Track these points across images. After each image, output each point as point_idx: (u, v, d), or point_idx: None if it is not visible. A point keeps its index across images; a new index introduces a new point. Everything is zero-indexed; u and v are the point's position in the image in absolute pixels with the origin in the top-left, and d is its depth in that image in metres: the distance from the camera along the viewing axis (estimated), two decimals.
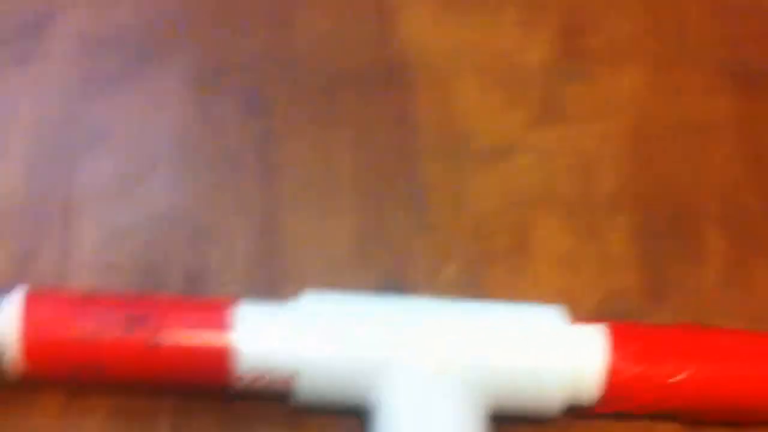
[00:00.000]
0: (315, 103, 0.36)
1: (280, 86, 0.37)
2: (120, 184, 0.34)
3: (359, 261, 0.33)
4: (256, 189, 0.34)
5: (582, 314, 0.29)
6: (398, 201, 0.34)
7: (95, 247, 0.32)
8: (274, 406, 0.29)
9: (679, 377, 0.28)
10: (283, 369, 0.27)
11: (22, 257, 0.32)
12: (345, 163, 0.35)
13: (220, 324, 0.27)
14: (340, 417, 0.29)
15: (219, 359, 0.27)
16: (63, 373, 0.28)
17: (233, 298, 0.28)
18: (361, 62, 0.38)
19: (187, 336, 0.27)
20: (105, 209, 0.33)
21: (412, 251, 0.33)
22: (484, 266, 0.33)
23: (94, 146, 0.35)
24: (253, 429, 0.29)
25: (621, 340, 0.28)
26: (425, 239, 0.34)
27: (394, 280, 0.32)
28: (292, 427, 0.29)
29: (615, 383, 0.28)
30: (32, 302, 0.27)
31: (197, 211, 0.33)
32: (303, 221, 0.33)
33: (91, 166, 0.34)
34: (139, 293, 0.30)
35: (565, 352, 0.28)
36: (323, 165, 0.35)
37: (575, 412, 0.28)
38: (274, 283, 0.32)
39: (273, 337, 0.27)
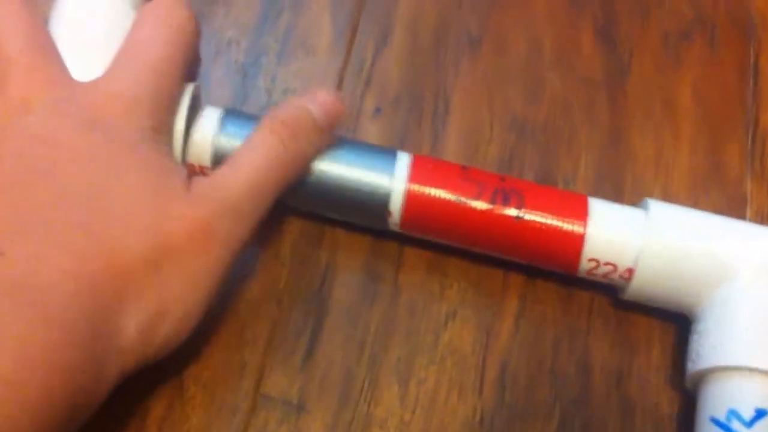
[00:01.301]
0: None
1: (632, 26, 0.39)
2: None
3: (693, 196, 0.36)
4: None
5: None
6: (734, 144, 0.37)
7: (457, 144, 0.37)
8: (604, 300, 0.33)
9: None
10: (626, 260, 0.31)
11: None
12: (685, 103, 0.38)
13: (577, 210, 0.31)
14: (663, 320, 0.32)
15: (572, 241, 0.31)
16: (433, 230, 0.32)
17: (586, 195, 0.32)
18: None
19: (548, 216, 0.31)
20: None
21: (745, 196, 0.36)
22: None
23: None
24: (586, 317, 0.33)
25: None
26: (758, 186, 0.36)
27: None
28: (619, 322, 0.33)
29: None
30: (419, 162, 0.32)
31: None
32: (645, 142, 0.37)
33: None
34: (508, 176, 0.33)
35: None
36: (665, 100, 0.38)
37: None
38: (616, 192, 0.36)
39: (622, 230, 0.31)
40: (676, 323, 0.33)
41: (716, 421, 0.28)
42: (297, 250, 0.33)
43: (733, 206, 0.36)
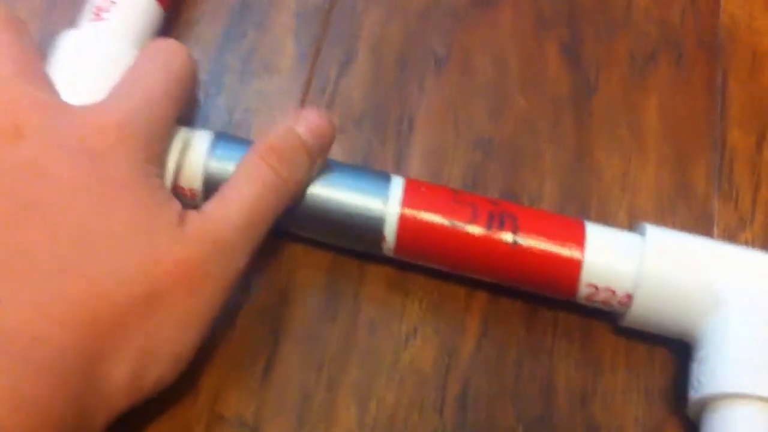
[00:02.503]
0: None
1: (599, 45, 0.39)
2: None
3: (659, 214, 0.35)
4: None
5: None
6: (701, 163, 0.36)
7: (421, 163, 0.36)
8: (568, 319, 0.32)
9: None
10: (624, 285, 0.30)
11: None
12: (652, 122, 0.37)
13: (574, 235, 0.31)
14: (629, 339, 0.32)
15: (570, 266, 0.30)
16: (428, 256, 0.31)
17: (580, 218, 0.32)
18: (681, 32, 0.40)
19: (543, 241, 0.30)
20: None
21: (712, 215, 0.35)
22: None
23: None
24: (551, 337, 0.32)
25: None
26: (725, 204, 0.35)
27: None
28: (584, 342, 0.32)
29: None
30: (412, 186, 0.31)
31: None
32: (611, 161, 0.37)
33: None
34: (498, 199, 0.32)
35: None
36: (632, 119, 0.38)
37: None
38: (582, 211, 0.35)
39: (620, 255, 0.30)
40: (644, 342, 0.32)
41: None
42: (255, 268, 0.33)
43: (700, 225, 0.35)
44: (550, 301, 0.33)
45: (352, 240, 0.32)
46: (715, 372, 0.29)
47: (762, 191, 0.36)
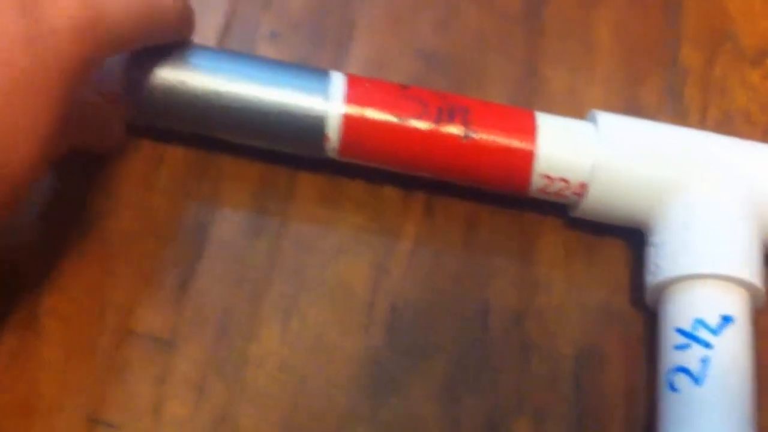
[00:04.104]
0: None
1: None
2: None
3: None
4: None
5: None
6: (653, 80, 0.35)
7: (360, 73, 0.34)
8: (505, 236, 0.31)
9: None
10: (579, 174, 0.29)
11: None
12: (604, 38, 0.36)
13: (525, 126, 0.29)
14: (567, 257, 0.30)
15: (523, 157, 0.29)
16: (376, 155, 0.29)
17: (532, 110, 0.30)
18: None
19: (495, 133, 0.29)
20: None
21: None
22: None
23: None
24: (486, 256, 0.31)
25: None
26: (675, 122, 0.34)
27: None
28: (522, 261, 0.31)
29: None
30: (355, 81, 0.29)
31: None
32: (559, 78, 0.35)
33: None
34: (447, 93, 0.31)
35: None
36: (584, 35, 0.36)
37: None
38: None
39: (572, 144, 0.29)
40: (581, 260, 0.31)
41: (682, 332, 0.27)
42: (177, 180, 0.31)
43: None
44: (489, 217, 0.31)
45: (292, 143, 0.30)
46: (675, 254, 0.28)
47: (712, 109, 0.34)
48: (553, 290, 0.31)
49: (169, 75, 0.28)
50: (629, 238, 0.31)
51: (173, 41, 0.29)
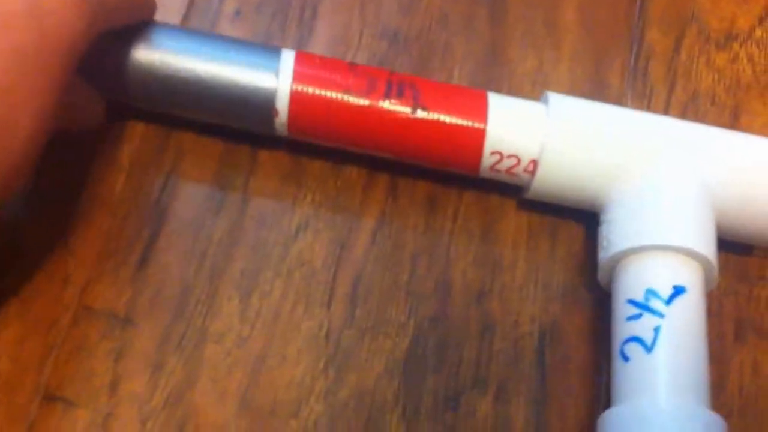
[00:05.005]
0: None
1: None
2: None
3: None
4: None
5: None
6: (617, 61, 0.35)
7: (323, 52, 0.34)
8: (469, 215, 0.31)
9: None
10: (529, 151, 0.29)
11: None
12: (570, 19, 0.36)
13: (476, 104, 0.29)
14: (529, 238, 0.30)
15: (473, 134, 0.29)
16: (324, 131, 0.29)
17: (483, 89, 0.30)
18: None
19: (445, 109, 0.29)
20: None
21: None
22: None
23: None
24: (448, 233, 0.31)
25: None
26: (639, 103, 0.34)
27: None
28: (484, 239, 0.31)
29: None
30: (304, 58, 0.29)
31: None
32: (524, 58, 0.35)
33: None
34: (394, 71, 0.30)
35: None
36: (549, 16, 0.36)
37: None
38: None
39: (522, 122, 0.29)
40: (544, 241, 0.31)
41: (634, 302, 0.27)
42: (137, 156, 0.30)
43: None
44: (452, 198, 0.31)
45: (242, 118, 0.29)
46: (627, 228, 0.28)
47: (677, 91, 0.35)
48: (515, 270, 0.31)
49: (126, 53, 0.28)
50: (589, 221, 0.31)
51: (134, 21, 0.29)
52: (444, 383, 0.28)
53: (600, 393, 0.29)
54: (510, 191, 0.31)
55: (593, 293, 0.30)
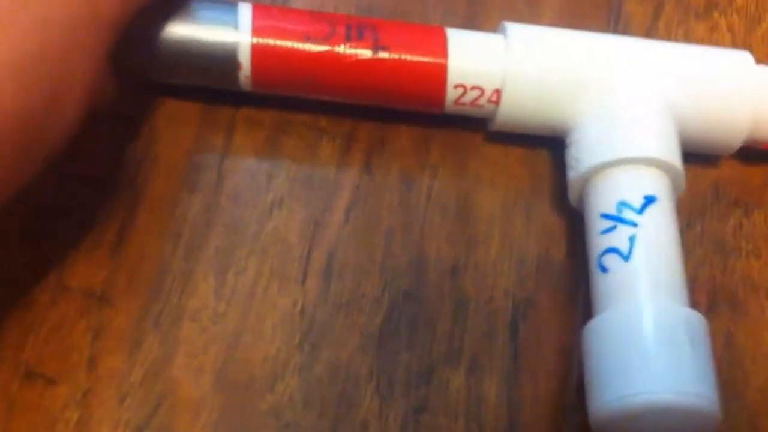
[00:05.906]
0: None
1: None
2: None
3: None
4: None
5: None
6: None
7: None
8: (443, 191, 0.31)
9: None
10: (492, 81, 0.30)
11: None
12: None
13: (436, 40, 0.30)
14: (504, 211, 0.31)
15: (436, 70, 0.29)
16: (288, 80, 0.30)
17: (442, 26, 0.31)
18: None
19: (406, 48, 0.29)
20: None
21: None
22: None
23: None
24: (423, 208, 0.31)
25: None
26: None
27: None
28: (458, 215, 0.31)
29: None
30: (263, 9, 0.29)
31: None
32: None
33: None
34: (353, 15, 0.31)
35: (751, 90, 0.31)
36: None
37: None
38: None
39: (483, 53, 0.30)
40: (519, 216, 0.31)
41: (608, 216, 0.28)
42: (112, 133, 0.30)
43: None
44: (427, 173, 0.31)
45: (207, 75, 0.30)
46: (594, 145, 0.29)
47: None
48: (489, 245, 0.31)
49: None
50: (566, 197, 0.31)
51: None
52: (418, 358, 0.29)
53: (573, 369, 0.29)
54: (489, 168, 0.32)
55: (567, 269, 0.31)
